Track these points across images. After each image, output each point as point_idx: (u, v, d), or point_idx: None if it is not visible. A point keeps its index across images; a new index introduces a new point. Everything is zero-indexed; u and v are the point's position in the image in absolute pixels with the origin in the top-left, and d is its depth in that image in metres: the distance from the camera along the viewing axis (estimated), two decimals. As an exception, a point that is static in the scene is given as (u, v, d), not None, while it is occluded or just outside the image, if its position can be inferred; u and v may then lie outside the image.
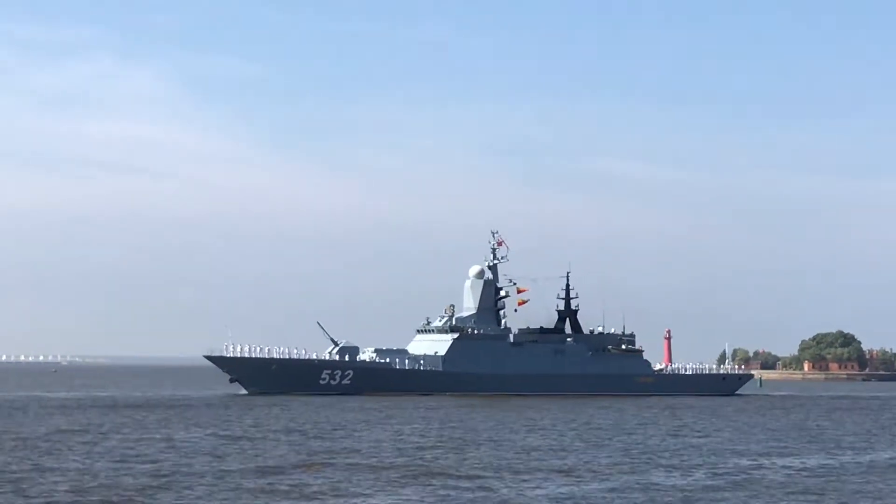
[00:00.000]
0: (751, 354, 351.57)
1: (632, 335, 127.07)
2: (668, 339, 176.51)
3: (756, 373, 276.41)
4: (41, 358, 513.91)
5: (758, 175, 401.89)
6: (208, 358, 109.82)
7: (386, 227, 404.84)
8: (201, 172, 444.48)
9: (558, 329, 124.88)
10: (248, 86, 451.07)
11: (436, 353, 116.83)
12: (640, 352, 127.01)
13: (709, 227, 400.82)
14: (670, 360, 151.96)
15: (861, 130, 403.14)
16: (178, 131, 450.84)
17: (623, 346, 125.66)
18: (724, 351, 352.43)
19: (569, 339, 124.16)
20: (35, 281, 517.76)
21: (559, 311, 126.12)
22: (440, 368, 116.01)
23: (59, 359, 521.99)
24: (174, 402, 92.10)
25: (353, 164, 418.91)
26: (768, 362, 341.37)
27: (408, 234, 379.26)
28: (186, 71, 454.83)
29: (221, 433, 55.95)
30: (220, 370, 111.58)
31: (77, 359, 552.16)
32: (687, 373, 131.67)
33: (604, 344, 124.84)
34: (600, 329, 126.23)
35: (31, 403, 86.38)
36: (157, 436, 53.52)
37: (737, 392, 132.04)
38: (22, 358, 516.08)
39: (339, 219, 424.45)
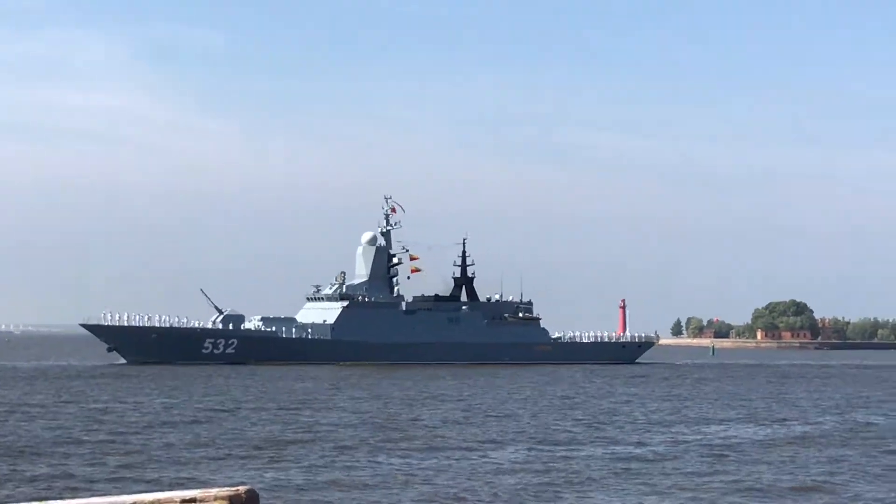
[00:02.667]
0: (704, 323, 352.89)
1: (529, 303, 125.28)
2: (623, 308, 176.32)
3: (709, 341, 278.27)
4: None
5: (710, 144, 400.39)
6: (85, 326, 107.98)
7: (275, 191, 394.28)
8: (152, 140, 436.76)
9: (454, 297, 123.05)
10: (205, 54, 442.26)
11: (324, 321, 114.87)
12: (537, 319, 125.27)
13: (663, 197, 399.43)
14: (625, 329, 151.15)
15: (814, 99, 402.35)
16: (132, 100, 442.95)
17: (520, 314, 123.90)
18: (679, 320, 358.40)
19: (464, 307, 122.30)
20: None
21: (455, 279, 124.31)
22: (329, 337, 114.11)
23: (11, 328, 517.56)
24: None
25: (266, 129, 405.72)
26: (722, 331, 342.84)
27: (298, 200, 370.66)
28: (144, 40, 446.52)
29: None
30: (98, 339, 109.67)
31: (30, 328, 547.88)
32: (585, 341, 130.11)
33: (500, 312, 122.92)
34: (497, 297, 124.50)
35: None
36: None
37: (637, 360, 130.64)
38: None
39: (225, 181, 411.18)
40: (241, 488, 12.98)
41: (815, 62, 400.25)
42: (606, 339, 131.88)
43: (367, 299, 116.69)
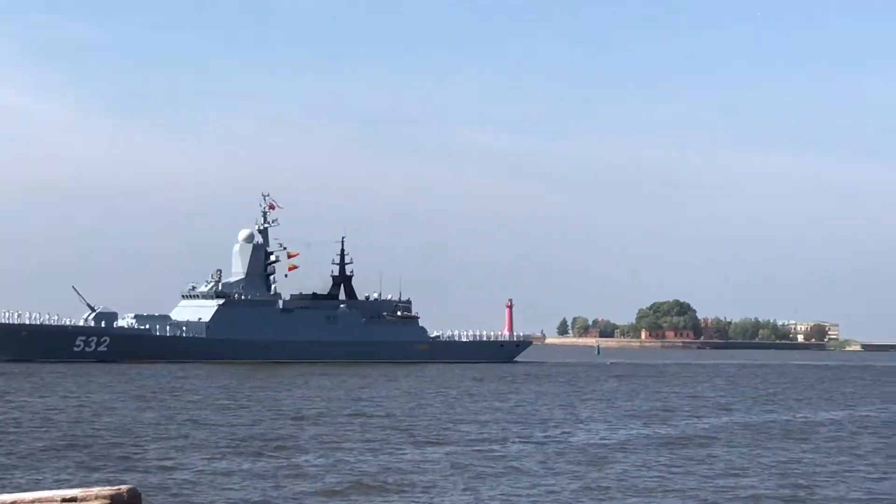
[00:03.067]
0: (590, 323, 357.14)
1: (408, 301, 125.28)
2: (510, 307, 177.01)
3: (594, 341, 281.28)
4: None
5: (592, 142, 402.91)
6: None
7: (151, 187, 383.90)
8: (22, 136, 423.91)
9: (332, 295, 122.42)
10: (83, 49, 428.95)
11: (199, 319, 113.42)
12: (415, 318, 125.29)
13: (549, 197, 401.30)
14: (512, 329, 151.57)
15: (700, 103, 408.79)
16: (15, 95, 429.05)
17: (399, 313, 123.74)
18: (565, 319, 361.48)
19: (342, 306, 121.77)
20: None
21: (333, 277, 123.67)
22: (204, 335, 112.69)
23: None
24: None
25: (154, 125, 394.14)
26: (607, 330, 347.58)
27: (174, 197, 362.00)
28: (30, 35, 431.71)
29: None
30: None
31: None
32: (464, 339, 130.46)
33: (378, 310, 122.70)
34: (376, 295, 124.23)
35: None
36: None
37: (515, 359, 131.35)
38: None
39: (101, 176, 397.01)
40: (123, 487, 12.95)
41: (710, 64, 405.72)
42: (486, 339, 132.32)
43: (243, 297, 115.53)
